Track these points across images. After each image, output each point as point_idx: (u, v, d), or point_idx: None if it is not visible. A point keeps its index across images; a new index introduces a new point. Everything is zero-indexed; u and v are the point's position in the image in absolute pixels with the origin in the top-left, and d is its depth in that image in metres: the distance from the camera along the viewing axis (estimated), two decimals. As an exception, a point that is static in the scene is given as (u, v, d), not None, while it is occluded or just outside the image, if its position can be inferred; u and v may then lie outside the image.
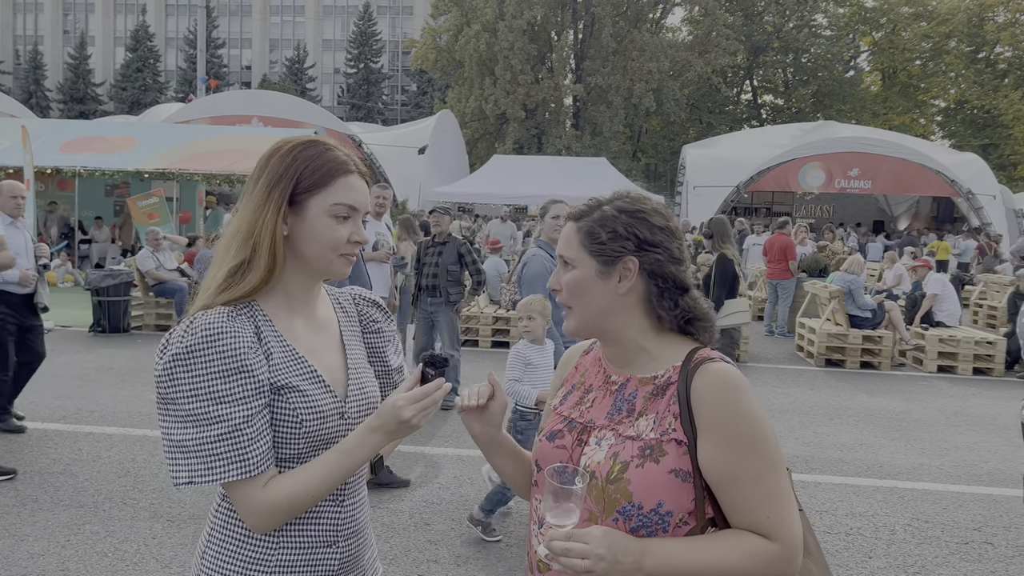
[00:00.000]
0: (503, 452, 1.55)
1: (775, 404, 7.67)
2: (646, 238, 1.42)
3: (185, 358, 1.32)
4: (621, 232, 1.42)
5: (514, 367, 4.25)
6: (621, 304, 1.44)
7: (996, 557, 4.34)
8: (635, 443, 1.35)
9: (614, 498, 1.33)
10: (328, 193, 1.44)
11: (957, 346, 9.68)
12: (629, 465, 1.33)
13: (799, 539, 1.33)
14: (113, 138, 16.12)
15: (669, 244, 1.44)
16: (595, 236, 1.43)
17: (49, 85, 62.12)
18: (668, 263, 1.43)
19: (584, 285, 1.44)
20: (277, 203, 1.41)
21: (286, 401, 1.40)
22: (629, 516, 1.33)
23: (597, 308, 1.44)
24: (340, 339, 1.57)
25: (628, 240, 1.42)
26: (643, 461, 1.33)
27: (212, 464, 1.33)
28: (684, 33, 45.91)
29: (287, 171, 1.43)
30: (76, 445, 5.63)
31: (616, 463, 1.35)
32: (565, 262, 1.47)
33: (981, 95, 40.20)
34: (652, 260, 1.42)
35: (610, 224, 1.43)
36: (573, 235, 1.47)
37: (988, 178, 23.50)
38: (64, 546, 4.02)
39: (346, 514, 1.51)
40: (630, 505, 1.32)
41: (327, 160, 1.45)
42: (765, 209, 29.49)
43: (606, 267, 1.43)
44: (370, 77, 61.91)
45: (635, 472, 1.33)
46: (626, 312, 1.44)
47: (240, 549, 1.44)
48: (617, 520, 1.33)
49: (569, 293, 1.46)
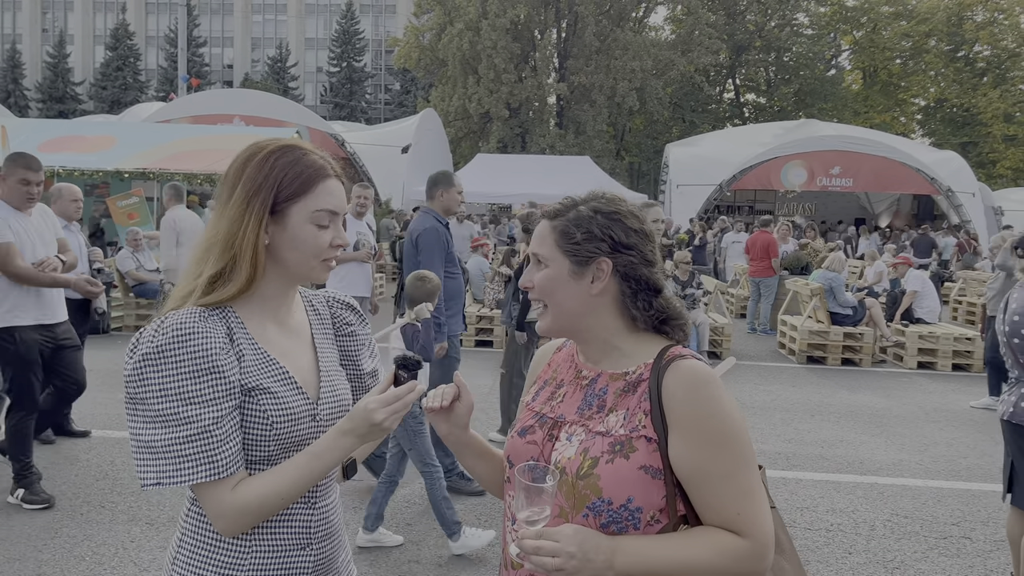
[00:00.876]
0: (472, 452, 1.55)
1: (757, 401, 7.71)
2: (621, 240, 1.42)
3: (155, 358, 1.31)
4: (596, 233, 1.42)
5: None
6: (594, 304, 1.44)
7: (974, 552, 4.38)
8: (605, 439, 1.35)
9: (584, 494, 1.33)
10: (309, 200, 1.43)
11: (937, 343, 9.77)
12: (599, 461, 1.33)
13: (770, 535, 1.34)
14: (92, 137, 15.95)
15: (643, 247, 1.44)
16: (570, 236, 1.43)
17: (28, 84, 61.44)
18: (641, 265, 1.44)
19: (556, 284, 1.44)
20: (258, 214, 1.40)
21: (257, 403, 1.39)
22: (599, 512, 1.33)
23: (569, 308, 1.44)
24: (312, 342, 1.55)
25: (603, 241, 1.42)
26: (613, 457, 1.33)
27: (181, 465, 1.31)
28: (667, 32, 46.04)
29: (266, 180, 1.41)
30: (54, 448, 5.56)
31: (586, 459, 1.35)
32: (539, 260, 1.47)
33: (960, 93, 40.58)
34: (625, 262, 1.43)
35: (585, 225, 1.43)
36: (548, 233, 1.46)
37: (967, 176, 23.74)
38: (40, 550, 3.97)
39: (319, 516, 1.49)
40: (600, 501, 1.32)
41: (306, 166, 1.44)
42: (748, 207, 29.64)
43: (579, 267, 1.43)
44: (353, 76, 61.68)
45: (605, 468, 1.33)
46: (599, 312, 1.45)
47: (212, 554, 1.42)
48: (587, 516, 1.33)
49: (540, 291, 1.46)
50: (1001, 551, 4.38)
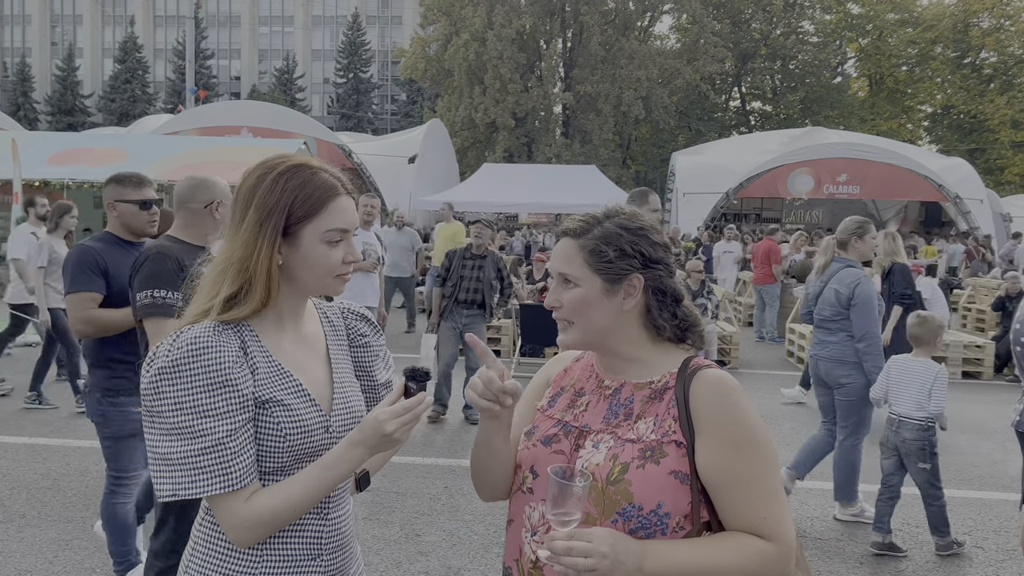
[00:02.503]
0: (503, 432, 1.46)
1: (767, 410, 7.68)
2: (650, 255, 1.45)
3: (171, 372, 1.33)
4: (627, 251, 1.44)
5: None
6: (623, 319, 1.46)
7: (986, 561, 4.35)
8: (635, 445, 1.37)
9: (614, 499, 1.34)
10: (321, 220, 1.44)
11: (946, 350, 9.72)
12: (629, 466, 1.35)
13: (794, 539, 1.36)
14: (101, 150, 16.04)
15: (668, 259, 1.48)
16: (602, 255, 1.44)
17: (37, 97, 61.87)
18: (667, 277, 1.47)
19: (589, 303, 1.45)
20: (271, 238, 1.42)
21: (271, 415, 1.40)
22: (629, 517, 1.34)
23: (600, 325, 1.46)
24: (326, 353, 1.57)
25: (634, 258, 1.44)
26: (644, 463, 1.35)
27: (195, 477, 1.33)
28: (672, 41, 46.17)
29: (278, 203, 1.42)
30: (64, 459, 5.58)
31: (616, 464, 1.36)
32: (567, 280, 1.47)
33: (967, 100, 40.51)
34: (655, 276, 1.46)
35: (615, 242, 1.44)
36: (575, 253, 1.47)
37: (975, 182, 23.67)
38: (52, 562, 3.98)
39: (331, 527, 1.51)
40: (630, 506, 1.33)
41: (316, 187, 1.45)
42: (755, 215, 29.61)
43: (612, 285, 1.44)
44: (359, 87, 61.93)
45: (636, 473, 1.34)
46: (626, 326, 1.47)
47: (223, 563, 1.44)
48: (616, 522, 1.34)
49: (571, 311, 1.46)
50: (1013, 560, 4.35)
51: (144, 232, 3.45)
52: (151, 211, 3.43)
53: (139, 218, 3.40)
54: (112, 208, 3.40)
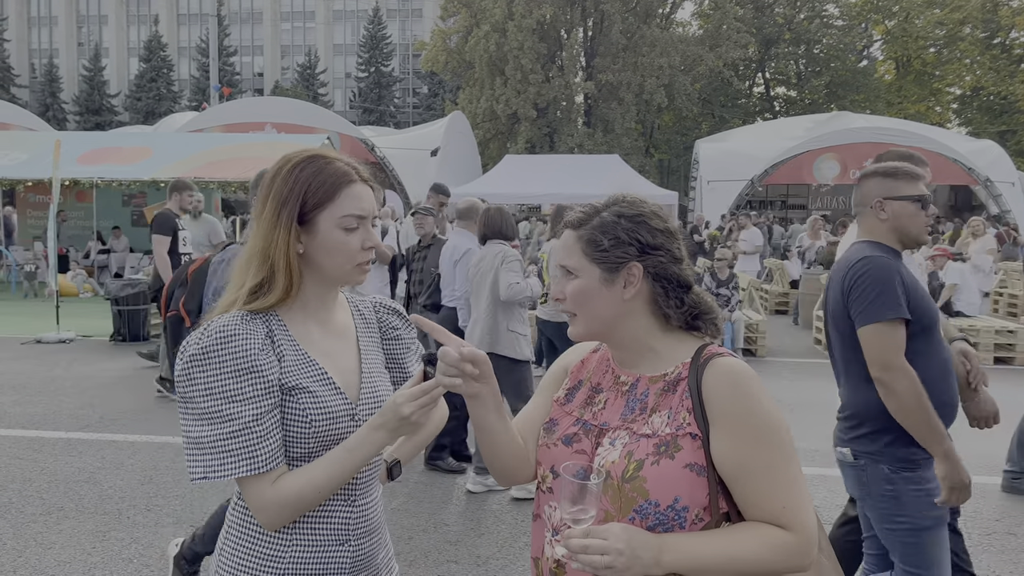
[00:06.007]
0: (495, 406, 1.45)
1: (793, 398, 7.64)
2: (648, 242, 1.43)
3: (201, 359, 1.39)
4: (623, 238, 1.43)
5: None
6: (627, 308, 1.45)
7: (1018, 547, 4.31)
8: (650, 440, 1.36)
9: (631, 497, 1.34)
10: (335, 207, 1.49)
11: (977, 336, 9.59)
12: (644, 463, 1.34)
13: (815, 528, 1.35)
14: (129, 149, 16.27)
15: (670, 245, 1.45)
16: (597, 244, 1.44)
17: (65, 97, 62.75)
18: (670, 264, 1.45)
19: (589, 294, 1.45)
20: (287, 225, 1.47)
21: (296, 401, 1.45)
22: (646, 514, 1.33)
23: (603, 315, 1.45)
24: (356, 344, 1.61)
25: (631, 246, 1.43)
26: (658, 458, 1.34)
27: (224, 460, 1.39)
28: (694, 27, 45.68)
29: (292, 191, 1.47)
30: (100, 453, 5.70)
31: (631, 461, 1.35)
32: (568, 271, 1.48)
33: (997, 81, 39.70)
34: (655, 263, 1.44)
35: (611, 231, 1.43)
36: (574, 243, 1.47)
37: (1006, 165, 23.26)
38: (90, 553, 4.08)
39: (358, 513, 1.55)
40: (647, 503, 1.33)
41: (329, 174, 1.49)
42: (780, 202, 29.34)
43: (610, 274, 1.43)
44: (381, 81, 62.10)
45: (651, 470, 1.33)
46: (633, 315, 1.46)
47: (254, 545, 1.49)
48: (634, 519, 1.34)
49: (573, 303, 1.47)
50: (1047, 547, 4.30)
51: (920, 240, 2.61)
52: (928, 211, 2.59)
53: (918, 221, 2.57)
54: (880, 208, 2.57)
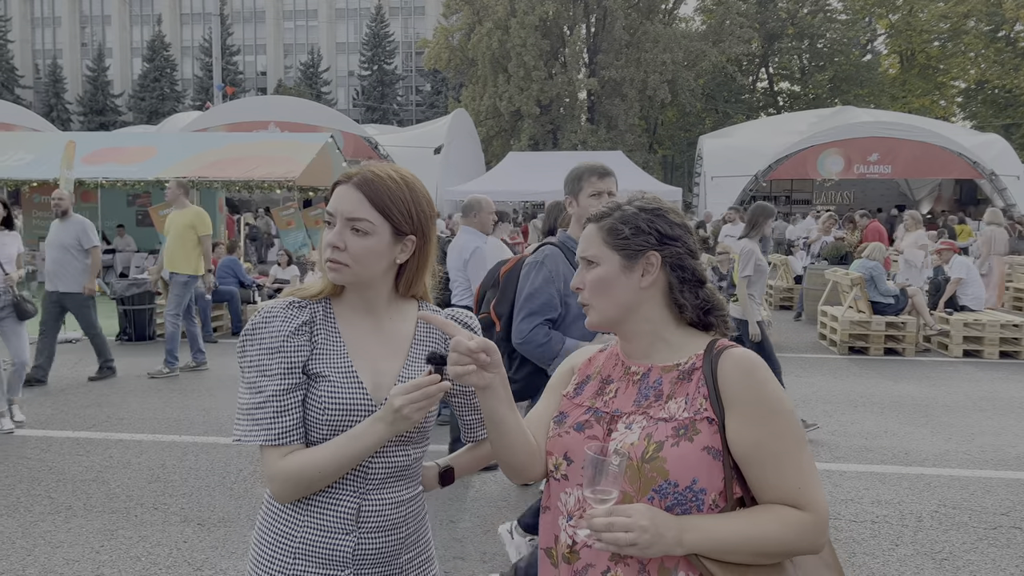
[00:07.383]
0: (507, 399, 1.48)
1: (799, 393, 7.64)
2: (667, 233, 1.50)
3: (249, 335, 1.56)
4: (643, 228, 1.49)
5: None
6: (643, 297, 1.50)
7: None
8: (668, 424, 1.40)
9: (650, 477, 1.37)
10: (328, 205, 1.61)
11: (983, 330, 9.58)
12: (664, 444, 1.38)
13: (827, 509, 1.40)
14: (133, 148, 16.29)
15: (687, 239, 1.52)
16: (618, 232, 1.50)
17: (69, 98, 62.92)
18: (687, 256, 1.51)
19: (608, 280, 1.50)
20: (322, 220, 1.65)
21: (317, 387, 1.54)
22: (665, 494, 1.36)
23: (620, 302, 1.50)
24: (407, 352, 1.64)
25: (650, 235, 1.49)
26: (678, 440, 1.38)
27: (251, 428, 1.52)
28: (697, 23, 45.62)
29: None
30: (107, 452, 5.73)
31: (651, 443, 1.39)
32: (589, 261, 1.53)
33: (1002, 74, 39.54)
34: (673, 253, 1.50)
35: (632, 220, 1.50)
36: (595, 234, 1.54)
37: (1011, 158, 23.17)
38: (98, 552, 4.10)
39: (370, 506, 1.57)
40: (666, 483, 1.36)
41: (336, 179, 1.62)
42: (784, 197, 29.27)
43: (629, 261, 1.49)
44: (384, 78, 62.13)
45: (670, 451, 1.37)
46: (648, 304, 1.51)
47: (274, 522, 1.59)
48: (652, 499, 1.37)
49: (592, 291, 1.52)
50: (1053, 541, 4.30)
51: None
52: None
53: None
54: None
